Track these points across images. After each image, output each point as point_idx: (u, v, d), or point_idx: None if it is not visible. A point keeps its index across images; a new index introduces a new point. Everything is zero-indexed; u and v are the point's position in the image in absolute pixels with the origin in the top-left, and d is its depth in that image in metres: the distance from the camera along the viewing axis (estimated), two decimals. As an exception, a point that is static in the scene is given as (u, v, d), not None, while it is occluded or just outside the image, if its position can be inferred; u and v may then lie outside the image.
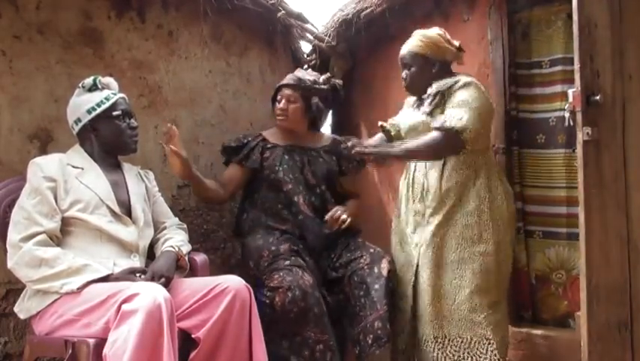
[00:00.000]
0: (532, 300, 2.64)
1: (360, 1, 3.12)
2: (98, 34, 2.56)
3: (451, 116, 2.17)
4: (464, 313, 2.21)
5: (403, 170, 2.49)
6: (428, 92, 2.30)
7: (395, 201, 2.84)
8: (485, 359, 2.18)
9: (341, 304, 2.40)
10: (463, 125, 2.14)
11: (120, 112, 2.10)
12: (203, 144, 2.86)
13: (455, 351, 2.22)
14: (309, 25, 3.30)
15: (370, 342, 2.27)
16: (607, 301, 1.79)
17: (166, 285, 1.91)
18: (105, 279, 1.87)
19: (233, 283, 1.97)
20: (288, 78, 2.66)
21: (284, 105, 2.58)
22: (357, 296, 2.35)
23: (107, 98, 2.09)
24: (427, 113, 2.29)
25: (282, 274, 2.26)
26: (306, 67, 3.49)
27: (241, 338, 1.93)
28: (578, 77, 1.79)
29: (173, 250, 2.10)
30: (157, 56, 2.75)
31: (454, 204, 2.24)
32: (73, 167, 2.03)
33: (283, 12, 3.11)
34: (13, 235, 1.89)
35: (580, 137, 1.78)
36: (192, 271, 2.17)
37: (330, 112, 3.67)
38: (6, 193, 2.09)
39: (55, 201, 1.94)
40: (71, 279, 1.84)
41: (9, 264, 1.89)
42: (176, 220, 2.33)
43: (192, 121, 2.86)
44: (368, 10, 3.01)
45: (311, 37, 3.34)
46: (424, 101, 2.33)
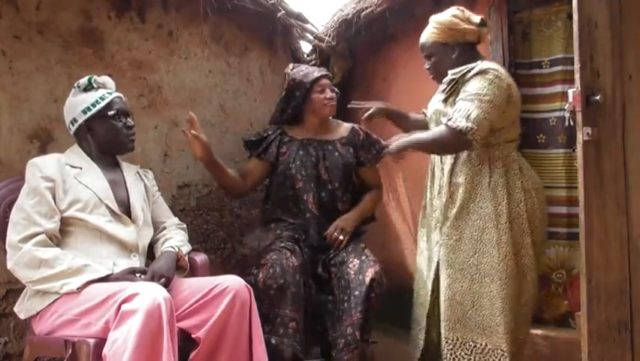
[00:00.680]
0: (533, 300, 2.63)
1: (360, 1, 3.11)
2: (98, 34, 2.56)
3: (459, 112, 2.03)
4: (481, 319, 2.10)
5: (403, 167, 2.47)
6: (445, 81, 2.17)
7: (397, 201, 2.85)
8: None
9: (329, 307, 2.42)
10: (467, 125, 2.00)
11: (115, 111, 2.10)
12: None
13: (466, 355, 2.12)
14: (309, 25, 3.31)
15: (341, 346, 2.29)
16: (607, 301, 1.79)
17: (166, 285, 1.91)
18: (105, 279, 1.87)
19: (234, 283, 1.97)
20: (321, 70, 2.71)
21: (331, 94, 2.64)
22: (340, 300, 2.37)
23: (102, 98, 2.09)
24: (441, 101, 2.19)
25: (271, 254, 2.36)
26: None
27: (241, 338, 1.93)
28: (578, 77, 1.78)
29: (174, 250, 2.10)
30: (157, 56, 2.75)
31: (466, 202, 2.13)
32: (72, 167, 2.03)
33: (283, 12, 3.11)
34: (12, 236, 1.89)
35: (580, 137, 1.78)
36: (192, 271, 2.17)
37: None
38: (6, 193, 2.09)
39: (54, 201, 1.94)
40: (71, 279, 1.84)
41: (9, 265, 1.88)
42: (176, 220, 2.33)
43: (192, 121, 2.86)
44: (368, 10, 3.01)
45: (311, 37, 3.34)
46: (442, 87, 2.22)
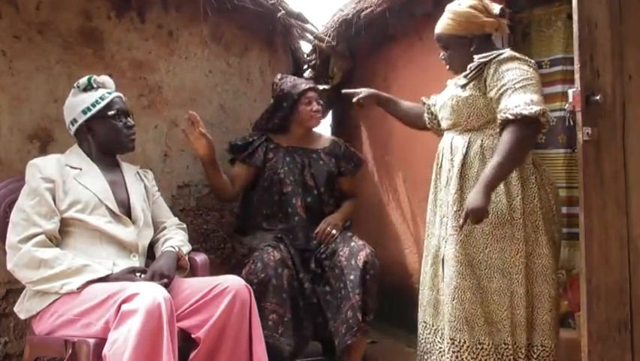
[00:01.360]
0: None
1: (360, 1, 3.12)
2: (98, 34, 2.57)
3: (520, 104, 1.88)
4: (492, 318, 1.99)
5: (403, 167, 2.46)
6: (469, 66, 2.04)
7: (397, 201, 2.85)
8: None
9: (327, 298, 2.43)
10: (539, 109, 1.85)
11: (115, 111, 2.10)
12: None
13: (472, 358, 1.98)
14: (309, 25, 3.31)
15: (344, 332, 2.29)
16: (607, 301, 1.79)
17: (167, 285, 1.91)
18: (105, 279, 1.87)
19: (233, 283, 1.97)
20: (308, 82, 2.77)
21: (317, 107, 2.70)
22: (337, 289, 2.39)
23: (102, 98, 2.09)
24: (460, 85, 2.07)
25: (255, 253, 2.40)
26: (306, 67, 3.50)
27: (241, 338, 1.93)
28: (578, 77, 1.78)
29: (174, 249, 2.10)
30: (157, 56, 2.75)
31: None
32: (72, 167, 2.03)
33: (283, 12, 3.11)
34: (12, 237, 1.89)
35: (580, 137, 1.78)
36: (192, 271, 2.17)
37: (330, 112, 3.71)
38: (6, 193, 2.09)
39: (54, 202, 1.94)
40: (71, 279, 1.84)
41: (8, 265, 1.88)
42: (176, 220, 2.33)
43: (192, 121, 2.86)
44: (368, 10, 3.01)
45: (311, 37, 3.34)
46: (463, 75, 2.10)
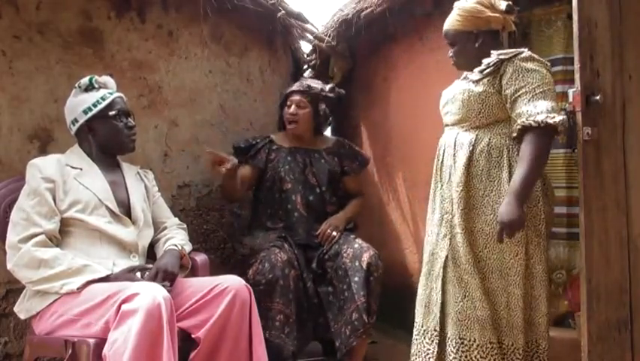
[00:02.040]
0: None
1: (360, 1, 3.12)
2: (98, 34, 2.56)
3: (541, 111, 1.88)
4: (495, 316, 2.00)
5: (403, 167, 2.46)
6: (486, 62, 2.04)
7: (397, 201, 2.85)
8: None
9: (330, 298, 2.44)
10: (560, 119, 1.85)
11: (116, 112, 2.10)
12: (203, 144, 2.86)
13: (481, 358, 2.00)
14: (309, 25, 3.31)
15: (348, 333, 2.30)
16: (607, 301, 1.79)
17: (171, 282, 1.92)
18: (105, 279, 1.87)
19: (233, 283, 1.97)
20: (297, 85, 2.75)
21: (294, 110, 2.67)
22: (341, 290, 2.40)
23: (103, 98, 2.09)
24: (473, 80, 2.06)
25: (261, 253, 2.41)
26: (306, 67, 3.49)
27: (241, 338, 1.93)
28: (578, 77, 1.79)
29: (177, 248, 2.10)
30: (157, 56, 2.75)
31: (481, 194, 2.01)
32: (72, 167, 2.03)
33: (283, 12, 3.11)
34: (12, 236, 1.88)
35: (580, 137, 1.78)
36: (192, 271, 2.17)
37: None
38: (6, 193, 2.09)
39: (54, 202, 1.94)
40: (71, 279, 1.84)
41: (8, 265, 1.88)
42: (176, 220, 2.33)
43: (192, 121, 2.86)
44: (368, 10, 3.01)
45: (311, 37, 3.34)
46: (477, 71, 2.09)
